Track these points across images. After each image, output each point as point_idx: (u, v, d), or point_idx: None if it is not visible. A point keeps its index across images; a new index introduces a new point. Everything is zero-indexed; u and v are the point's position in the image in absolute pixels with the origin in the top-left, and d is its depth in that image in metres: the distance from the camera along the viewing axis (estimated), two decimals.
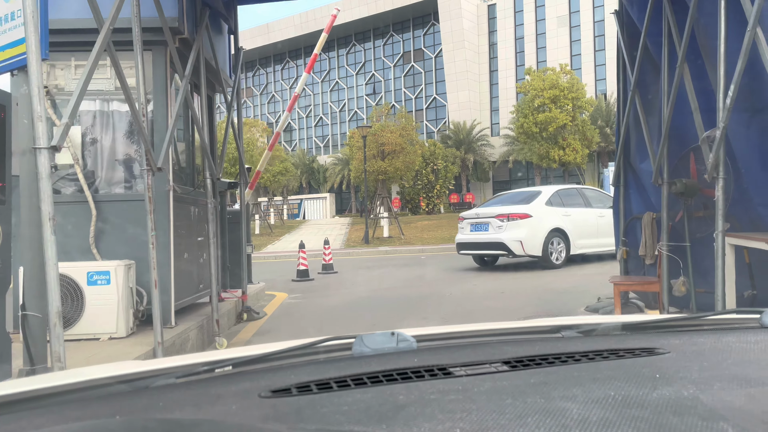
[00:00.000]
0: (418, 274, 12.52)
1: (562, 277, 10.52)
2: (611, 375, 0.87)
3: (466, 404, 0.75)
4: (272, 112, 56.59)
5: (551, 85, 20.72)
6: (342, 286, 10.87)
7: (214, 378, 0.95)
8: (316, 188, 49.38)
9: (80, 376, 0.98)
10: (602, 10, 41.00)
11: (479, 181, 43.49)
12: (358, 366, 0.95)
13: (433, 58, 47.59)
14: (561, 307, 7.58)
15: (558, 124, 20.37)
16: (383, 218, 22.68)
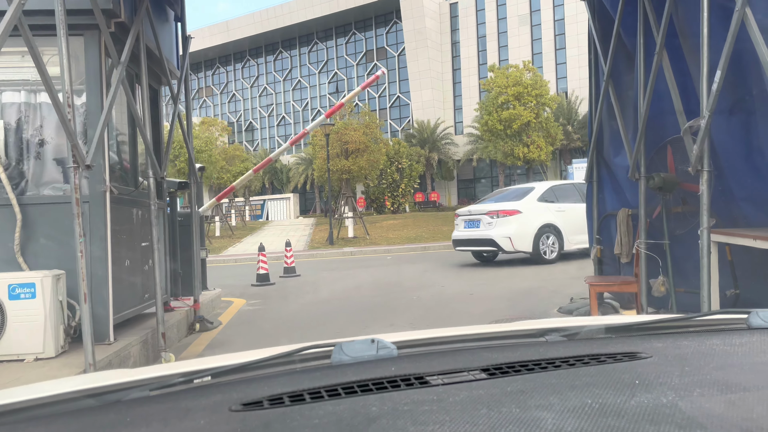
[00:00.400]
0: (384, 275, 12.08)
1: (543, 274, 10.21)
2: (590, 382, 0.85)
3: (439, 415, 0.73)
4: (233, 111, 55.45)
5: (515, 82, 20.55)
6: (304, 291, 10.36)
7: (188, 390, 0.93)
8: (280, 189, 48.55)
9: (49, 390, 0.95)
10: (562, 9, 41.34)
11: (444, 180, 43.35)
12: (335, 376, 0.94)
13: (396, 56, 47.27)
14: (532, 309, 7.24)
15: (522, 121, 20.21)
16: (348, 218, 22.19)
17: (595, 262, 6.70)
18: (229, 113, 55.50)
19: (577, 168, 20.90)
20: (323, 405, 0.81)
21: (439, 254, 16.44)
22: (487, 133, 21.41)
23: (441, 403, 0.79)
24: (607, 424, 0.68)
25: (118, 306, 5.33)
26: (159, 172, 5.64)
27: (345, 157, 21.14)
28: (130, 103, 5.39)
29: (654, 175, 5.39)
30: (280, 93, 52.81)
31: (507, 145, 20.86)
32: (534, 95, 20.42)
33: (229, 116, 55.38)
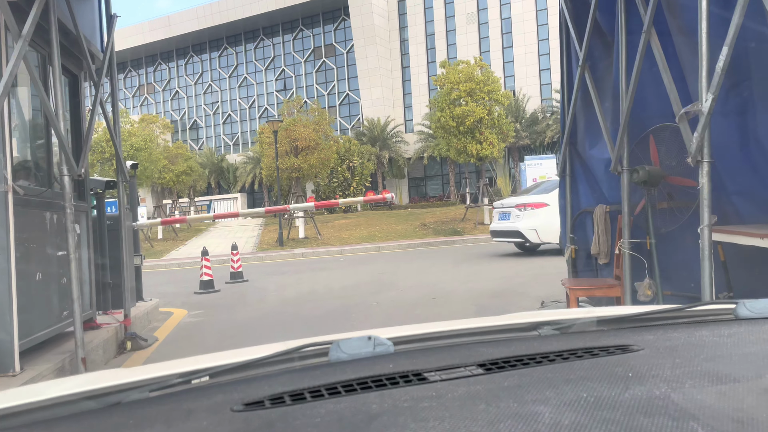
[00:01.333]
0: (340, 278, 11.36)
1: (531, 267, 9.70)
2: (584, 375, 0.87)
3: (439, 411, 0.75)
4: (176, 109, 53.42)
5: (467, 78, 20.15)
6: (252, 298, 9.54)
7: (189, 391, 0.93)
8: (226, 188, 47.03)
9: (46, 393, 0.93)
10: (509, 8, 41.51)
11: (395, 178, 42.89)
12: (334, 374, 0.95)
13: (345, 53, 46.49)
14: (496, 313, 6.68)
15: (475, 118, 19.83)
16: (298, 218, 21.32)
17: (569, 263, 6.20)
18: (172, 111, 53.43)
19: (530, 165, 20.70)
20: (324, 403, 0.82)
21: (394, 254, 15.83)
22: (440, 129, 20.94)
23: (440, 399, 0.80)
24: (602, 417, 0.68)
25: (27, 329, 4.46)
26: (75, 170, 4.77)
27: (295, 155, 20.24)
28: (38, 88, 4.50)
29: (638, 168, 4.89)
30: (226, 90, 51.19)
31: (460, 142, 20.44)
32: (486, 91, 20.07)
33: (172, 114, 53.31)
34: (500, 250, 14.59)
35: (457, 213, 24.00)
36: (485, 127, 20.52)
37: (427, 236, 20.38)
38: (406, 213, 26.61)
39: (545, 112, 38.75)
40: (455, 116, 20.18)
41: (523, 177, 20.76)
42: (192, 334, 6.96)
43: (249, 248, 20.27)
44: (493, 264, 11.76)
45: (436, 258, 13.84)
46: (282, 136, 19.98)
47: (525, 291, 7.86)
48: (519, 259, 12.26)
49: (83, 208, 6.04)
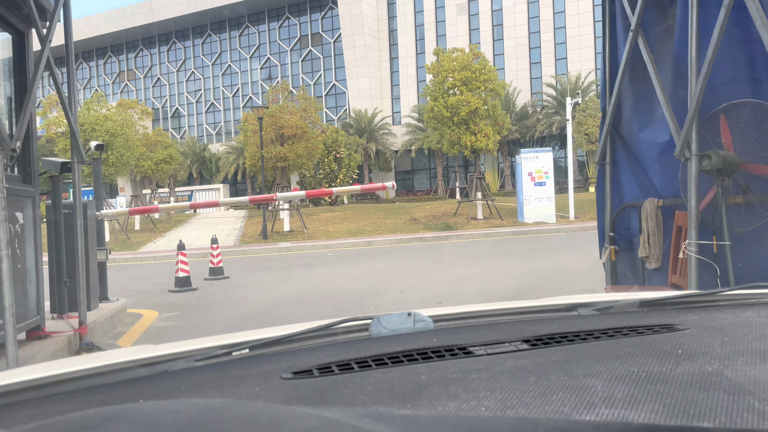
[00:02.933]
0: (329, 277, 10.36)
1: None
2: (633, 352, 0.87)
3: (489, 383, 0.75)
4: (158, 97, 51.79)
5: (462, 66, 19.18)
6: (233, 298, 8.51)
7: (233, 361, 0.93)
8: (209, 179, 45.71)
9: (98, 361, 0.96)
10: (500, 0, 40.60)
11: (381, 171, 41.88)
12: (377, 347, 0.95)
13: (332, 42, 45.28)
14: None
15: (470, 108, 18.88)
16: (283, 210, 20.24)
17: (607, 267, 5.27)
18: (153, 98, 51.79)
19: (525, 158, 19.83)
20: (373, 373, 0.82)
21: (385, 250, 14.87)
22: (433, 120, 19.96)
23: (489, 371, 0.80)
24: (656, 391, 0.68)
25: None
26: (7, 143, 3.71)
27: (280, 144, 19.14)
28: None
29: (710, 152, 3.96)
30: (209, 78, 49.69)
31: (453, 133, 19.49)
32: (482, 81, 19.13)
33: (154, 102, 51.69)
34: (499, 247, 13.70)
35: (448, 207, 23.09)
36: (480, 118, 19.59)
37: (418, 231, 19.44)
38: (395, 207, 25.65)
39: (535, 106, 37.99)
40: (449, 106, 19.22)
41: (517, 171, 19.88)
42: (161, 342, 5.92)
43: (231, 241, 19.17)
44: (496, 261, 10.84)
45: (432, 255, 12.90)
46: (267, 123, 18.87)
47: (546, 294, 6.93)
48: (523, 256, 11.36)
49: (28, 193, 4.98)
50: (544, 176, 19.73)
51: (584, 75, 36.14)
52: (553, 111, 36.38)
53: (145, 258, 15.85)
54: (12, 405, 0.78)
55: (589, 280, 7.67)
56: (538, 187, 19.69)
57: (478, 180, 20.57)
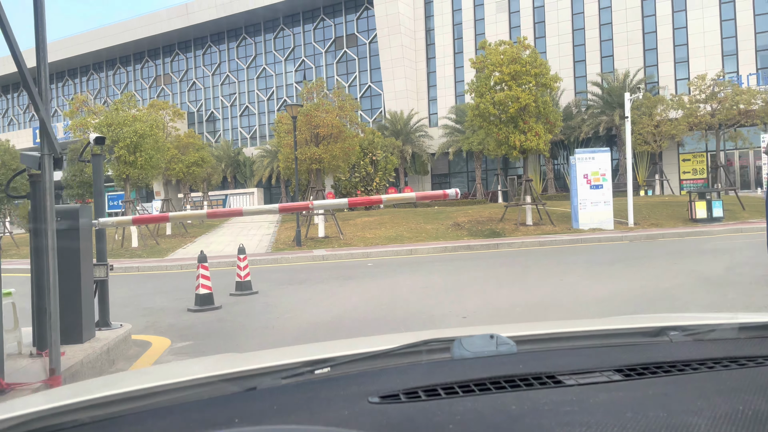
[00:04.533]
0: (372, 293, 8.89)
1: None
2: (736, 386, 0.82)
3: (583, 416, 0.72)
4: (193, 101, 51.35)
5: (511, 60, 17.55)
6: (260, 321, 7.11)
7: (321, 381, 0.93)
8: (243, 183, 44.91)
9: (181, 375, 0.94)
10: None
11: (417, 174, 40.38)
12: (462, 371, 0.93)
13: (367, 44, 43.99)
14: None
15: (520, 104, 17.23)
16: (318, 215, 18.90)
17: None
18: (188, 102, 51.37)
19: (580, 159, 18.06)
20: (460, 401, 0.80)
21: (430, 259, 13.34)
22: (478, 118, 18.36)
23: (581, 404, 0.77)
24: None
25: None
26: None
27: (315, 144, 17.80)
28: None
29: None
30: (244, 81, 48.95)
31: (501, 132, 17.85)
32: (533, 74, 17.46)
33: (189, 105, 51.26)
34: (561, 258, 12.04)
35: (492, 212, 21.44)
36: (530, 116, 17.91)
37: (462, 237, 17.86)
38: (434, 211, 24.10)
39: (579, 106, 35.95)
40: (496, 103, 17.59)
41: (572, 173, 18.14)
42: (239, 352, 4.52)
43: (263, 248, 17.90)
44: (568, 278, 9.21)
45: (485, 266, 11.33)
46: (301, 122, 17.55)
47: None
48: (595, 270, 9.70)
49: None
50: (601, 178, 17.95)
51: (633, 72, 33.99)
52: (599, 111, 34.33)
53: (171, 267, 14.67)
54: (113, 418, 0.79)
55: (698, 304, 6.05)
56: (594, 190, 17.91)
57: (527, 183, 18.88)
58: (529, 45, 18.41)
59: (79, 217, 5.21)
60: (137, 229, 19.08)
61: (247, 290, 9.22)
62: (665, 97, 24.67)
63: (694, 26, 34.41)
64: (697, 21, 34.30)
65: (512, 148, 18.08)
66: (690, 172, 34.47)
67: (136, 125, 17.96)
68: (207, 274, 8.04)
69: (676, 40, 35.19)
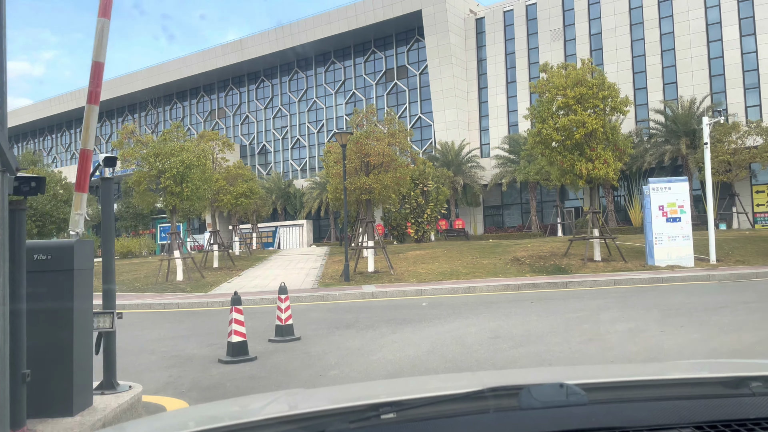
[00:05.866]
0: (428, 342, 7.50)
1: None
2: None
3: None
4: (246, 134, 51.67)
5: (576, 82, 16.13)
6: (300, 379, 5.83)
7: (387, 425, 0.91)
8: (293, 214, 44.40)
9: (246, 416, 0.95)
10: (599, 23, 37.20)
11: (469, 206, 38.86)
12: (530, 423, 0.89)
13: (418, 75, 43.28)
14: None
15: (586, 130, 15.72)
16: (368, 248, 17.69)
17: None
18: (241, 135, 51.73)
19: (655, 190, 16.29)
20: None
21: (493, 300, 11.85)
22: (539, 145, 16.91)
23: None
24: None
25: None
26: None
27: (365, 174, 16.71)
28: None
29: None
30: (295, 114, 48.95)
31: (566, 159, 16.33)
32: (600, 98, 15.96)
33: (242, 138, 51.59)
34: (647, 301, 10.37)
35: (554, 246, 19.74)
36: (597, 142, 16.36)
37: (523, 274, 16.26)
38: (490, 245, 22.53)
39: (642, 135, 33.88)
40: (560, 128, 16.14)
41: (646, 204, 16.36)
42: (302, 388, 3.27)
43: (309, 283, 16.76)
44: (666, 325, 7.58)
45: (559, 310, 9.78)
46: (351, 151, 16.53)
47: None
48: (703, 319, 8.03)
49: None
50: (679, 210, 16.11)
51: (699, 100, 31.85)
52: (663, 140, 32.23)
53: (212, 303, 13.66)
54: None
55: None
56: (671, 223, 16.07)
57: (595, 215, 17.20)
58: (595, 67, 16.96)
59: (74, 254, 4.12)
60: (182, 262, 18.31)
61: (288, 336, 7.99)
62: (741, 123, 22.57)
63: (765, 51, 32.09)
64: (767, 45, 32.00)
65: (578, 177, 16.52)
66: (764, 204, 31.74)
67: (183, 155, 17.33)
68: (241, 318, 6.87)
69: (745, 66, 32.90)
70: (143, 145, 18.24)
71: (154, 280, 18.55)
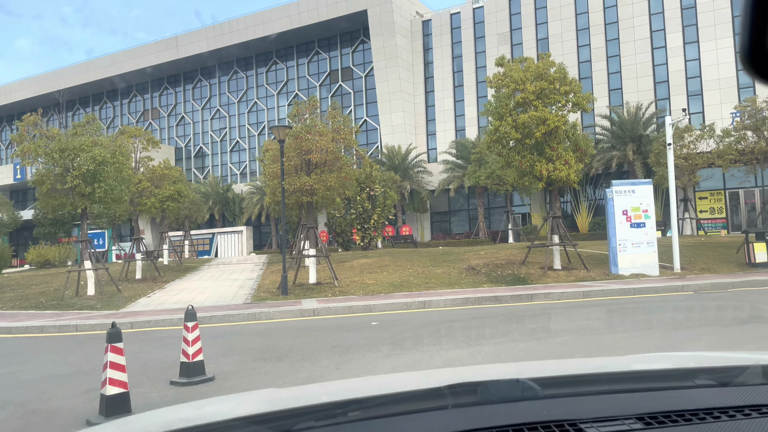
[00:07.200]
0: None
1: None
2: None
3: None
4: (181, 135, 48.53)
5: (537, 76, 14.75)
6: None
7: (354, 423, 0.92)
8: (231, 221, 41.72)
9: (216, 415, 0.94)
10: (545, 28, 36.61)
11: (416, 212, 37.37)
12: (487, 417, 0.92)
13: (363, 77, 41.59)
14: None
15: (547, 128, 14.35)
16: (309, 257, 15.69)
17: None
18: (177, 137, 48.55)
19: (619, 192, 15.09)
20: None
21: (453, 317, 10.11)
22: (497, 144, 15.44)
23: None
24: None
25: None
26: None
27: (307, 173, 14.73)
28: None
29: None
30: (235, 116, 46.27)
31: (525, 160, 14.91)
32: (563, 92, 14.64)
33: (177, 140, 48.44)
34: (629, 315, 8.90)
35: (510, 254, 18.33)
36: (557, 142, 15.02)
37: (481, 284, 14.69)
38: (441, 252, 20.95)
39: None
40: (519, 125, 14.71)
41: (609, 209, 15.13)
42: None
43: (241, 297, 14.60)
44: (673, 348, 6.04)
45: (531, 330, 8.14)
46: (290, 147, 14.55)
47: None
48: (716, 338, 6.52)
49: None
50: (643, 215, 14.95)
51: (645, 106, 31.54)
52: (610, 146, 31.71)
53: (121, 324, 11.32)
54: None
55: None
56: (635, 229, 14.88)
57: (555, 220, 15.85)
58: (554, 62, 15.65)
59: None
60: (93, 273, 15.77)
61: (196, 377, 5.96)
62: (693, 127, 21.95)
63: (708, 58, 32.15)
64: (710, 53, 32.07)
65: (537, 179, 15.12)
66: (707, 211, 31.66)
67: (94, 151, 14.87)
68: (120, 361, 4.82)
69: (689, 73, 32.89)
70: (48, 140, 15.63)
71: (61, 295, 15.94)
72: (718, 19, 31.71)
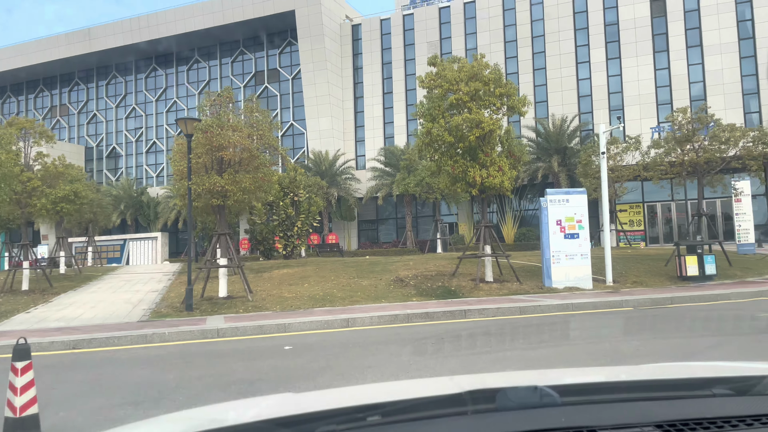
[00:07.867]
0: None
1: None
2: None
3: None
4: (93, 135, 44.82)
5: (471, 76, 13.77)
6: None
7: (374, 428, 0.92)
8: (146, 226, 38.66)
9: (238, 418, 0.96)
10: (474, 38, 36.37)
11: (343, 220, 35.96)
12: (506, 424, 0.92)
13: (290, 79, 39.86)
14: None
15: (482, 131, 13.37)
16: (219, 266, 13.89)
17: None
18: (87, 136, 44.80)
19: (553, 202, 14.31)
20: None
21: (380, 338, 8.74)
22: (428, 148, 14.32)
23: None
24: None
25: None
26: None
27: (218, 173, 12.99)
28: None
29: None
30: (152, 115, 43.19)
31: (458, 165, 13.86)
32: (498, 95, 13.72)
33: (88, 140, 44.69)
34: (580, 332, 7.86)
35: (439, 264, 17.24)
36: (491, 147, 14.09)
37: (410, 298, 13.45)
38: (368, 262, 19.60)
39: None
40: (452, 128, 13.66)
41: (543, 219, 14.32)
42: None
43: (138, 313, 12.60)
44: None
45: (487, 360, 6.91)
46: (199, 143, 12.79)
47: None
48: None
49: None
50: (577, 226, 14.25)
51: (569, 119, 31.72)
52: (536, 157, 31.62)
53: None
54: None
55: None
56: (569, 240, 14.15)
57: (487, 229, 14.89)
58: (488, 63, 14.74)
59: None
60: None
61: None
62: (618, 139, 21.86)
63: (629, 74, 32.82)
64: (631, 69, 32.74)
65: (470, 185, 14.10)
66: (627, 223, 32.13)
67: None
68: None
69: (611, 88, 33.46)
70: None
71: None
72: (639, 36, 32.45)
